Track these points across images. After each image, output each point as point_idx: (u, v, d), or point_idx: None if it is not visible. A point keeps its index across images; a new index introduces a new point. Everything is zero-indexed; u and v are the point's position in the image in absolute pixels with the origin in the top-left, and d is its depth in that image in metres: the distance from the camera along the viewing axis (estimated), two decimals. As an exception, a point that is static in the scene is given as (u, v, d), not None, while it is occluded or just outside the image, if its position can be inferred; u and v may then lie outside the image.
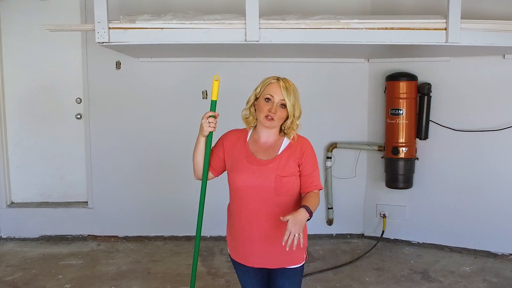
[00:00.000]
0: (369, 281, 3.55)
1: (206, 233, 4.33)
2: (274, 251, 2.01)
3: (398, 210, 4.30)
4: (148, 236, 4.42)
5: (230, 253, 2.17)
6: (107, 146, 4.35)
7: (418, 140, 4.11)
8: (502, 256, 3.95)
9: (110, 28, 3.10)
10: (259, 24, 3.07)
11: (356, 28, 3.13)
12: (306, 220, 1.85)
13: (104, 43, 3.15)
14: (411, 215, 4.27)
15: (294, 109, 1.98)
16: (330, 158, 4.35)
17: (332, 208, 4.42)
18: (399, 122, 4.00)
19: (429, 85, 4.01)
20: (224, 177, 2.13)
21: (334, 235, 4.48)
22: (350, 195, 4.44)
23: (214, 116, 2.02)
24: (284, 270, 2.07)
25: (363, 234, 4.49)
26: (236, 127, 2.14)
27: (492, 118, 3.91)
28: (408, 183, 4.12)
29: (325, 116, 4.33)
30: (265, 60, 4.16)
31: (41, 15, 4.13)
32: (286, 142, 2.04)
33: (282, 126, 2.03)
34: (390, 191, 4.23)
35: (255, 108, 2.04)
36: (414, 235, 4.26)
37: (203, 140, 2.06)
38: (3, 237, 4.40)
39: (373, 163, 4.37)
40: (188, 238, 4.37)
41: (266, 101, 1.97)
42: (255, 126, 2.09)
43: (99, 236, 4.41)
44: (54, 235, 4.40)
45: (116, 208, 4.39)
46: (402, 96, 3.97)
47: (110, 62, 4.23)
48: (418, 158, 4.12)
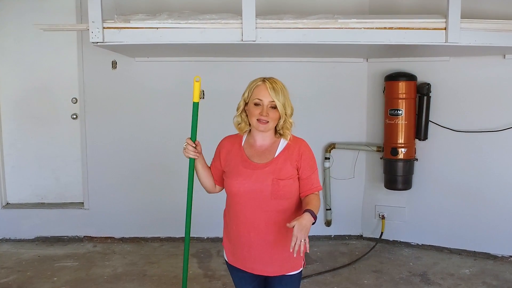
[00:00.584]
0: (367, 283, 3.52)
1: (203, 234, 4.34)
2: (274, 258, 1.97)
3: (397, 211, 4.26)
4: (144, 237, 4.39)
5: (227, 258, 2.13)
6: (103, 146, 4.31)
7: (417, 140, 4.07)
8: (502, 258, 3.92)
9: (104, 28, 3.06)
10: (256, 23, 3.03)
11: (354, 28, 3.09)
12: (311, 224, 1.79)
13: (98, 43, 3.11)
14: (410, 217, 4.24)
15: (285, 108, 1.93)
16: (329, 159, 4.32)
17: (330, 209, 4.39)
18: (398, 122, 3.96)
19: (428, 85, 3.97)
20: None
21: (333, 237, 4.45)
22: (348, 196, 4.41)
23: (194, 145, 2.01)
24: (282, 277, 2.02)
25: (362, 236, 4.45)
26: (233, 127, 2.09)
27: (492, 118, 3.87)
28: (407, 184, 4.08)
29: (323, 116, 4.29)
30: (262, 60, 4.12)
31: (36, 15, 4.06)
32: (283, 143, 1.99)
33: (276, 126, 1.99)
34: (389, 192, 4.20)
35: (246, 113, 1.99)
36: (413, 237, 4.23)
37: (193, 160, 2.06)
38: (-1, 238, 4.37)
39: (372, 164, 4.34)
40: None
41: (256, 105, 1.93)
42: (249, 130, 2.04)
43: (95, 237, 4.37)
44: (50, 236, 4.36)
45: (112, 209, 4.35)
46: (401, 96, 3.93)
47: (106, 61, 4.19)
48: (417, 159, 4.09)
